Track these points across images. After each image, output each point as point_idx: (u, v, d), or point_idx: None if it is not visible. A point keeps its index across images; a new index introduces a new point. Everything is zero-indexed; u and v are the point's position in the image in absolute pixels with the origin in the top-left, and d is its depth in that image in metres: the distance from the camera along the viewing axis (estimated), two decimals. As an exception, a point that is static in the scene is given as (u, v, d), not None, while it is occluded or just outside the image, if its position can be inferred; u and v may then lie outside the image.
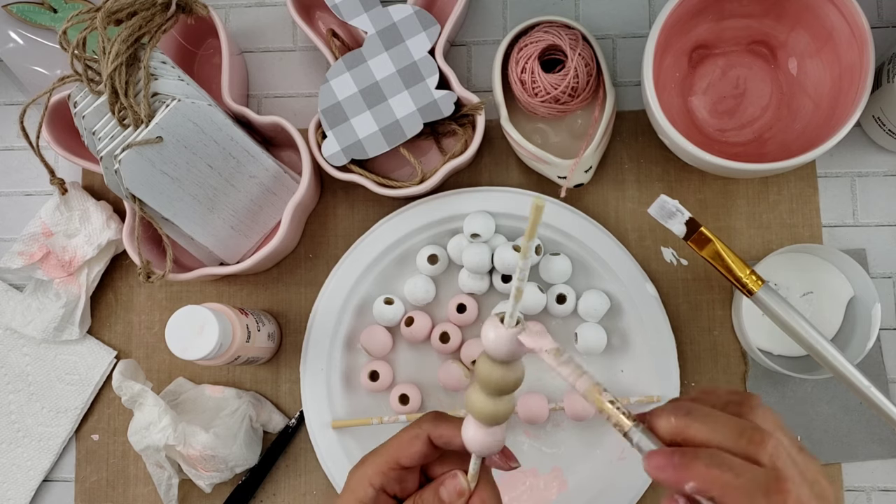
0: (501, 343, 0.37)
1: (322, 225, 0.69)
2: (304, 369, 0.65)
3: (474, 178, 0.68)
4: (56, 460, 0.69)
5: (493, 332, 0.37)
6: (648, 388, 0.64)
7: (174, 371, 0.68)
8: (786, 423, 0.64)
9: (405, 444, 0.43)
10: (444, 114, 0.63)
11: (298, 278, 0.69)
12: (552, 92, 0.62)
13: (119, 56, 0.55)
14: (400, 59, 0.63)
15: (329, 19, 0.68)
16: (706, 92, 0.66)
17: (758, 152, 0.65)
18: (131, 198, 0.58)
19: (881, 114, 0.62)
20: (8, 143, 0.73)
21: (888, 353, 0.65)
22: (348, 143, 0.64)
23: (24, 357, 0.69)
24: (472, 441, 0.41)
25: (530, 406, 0.63)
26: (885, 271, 0.66)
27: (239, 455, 0.63)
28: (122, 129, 0.57)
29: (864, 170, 0.67)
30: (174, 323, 0.57)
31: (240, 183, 0.63)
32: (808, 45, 0.63)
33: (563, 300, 0.64)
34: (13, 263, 0.67)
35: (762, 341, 0.64)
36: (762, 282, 0.57)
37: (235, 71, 0.67)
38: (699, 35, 0.65)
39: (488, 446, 0.41)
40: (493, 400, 0.40)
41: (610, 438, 0.65)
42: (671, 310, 0.66)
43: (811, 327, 0.56)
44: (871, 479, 0.64)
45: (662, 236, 0.67)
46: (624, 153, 0.68)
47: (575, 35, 0.63)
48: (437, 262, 0.65)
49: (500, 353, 0.37)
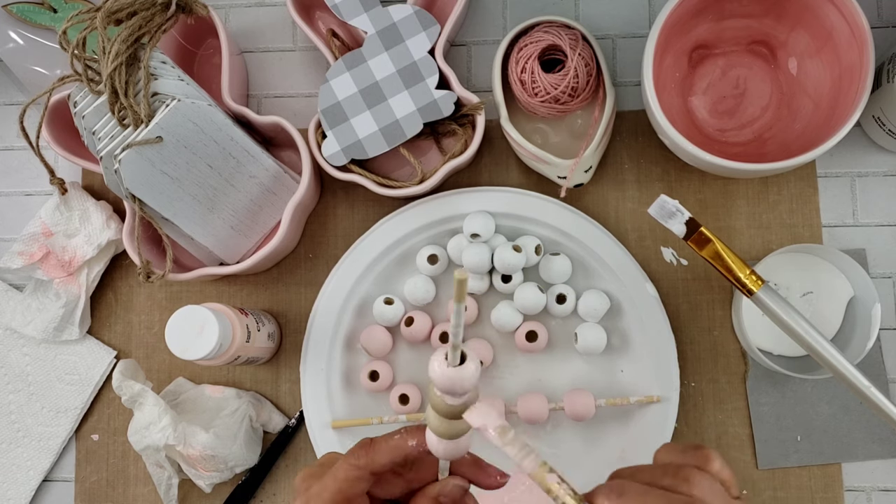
0: (443, 380, 0.37)
1: (322, 225, 0.69)
2: (304, 369, 0.65)
3: (474, 178, 0.68)
4: (56, 460, 0.69)
5: (437, 366, 0.37)
6: (648, 388, 0.64)
7: (174, 371, 0.68)
8: (786, 423, 0.64)
9: (350, 486, 0.42)
10: (444, 114, 0.63)
11: (298, 278, 0.69)
12: (552, 92, 0.62)
13: (119, 56, 0.55)
14: (400, 59, 0.63)
15: (329, 19, 0.68)
16: (706, 92, 0.66)
17: (758, 152, 0.65)
18: (131, 198, 0.58)
19: (881, 114, 0.62)
20: (8, 143, 0.73)
21: (888, 353, 0.65)
22: (348, 143, 0.64)
23: (24, 357, 0.69)
24: (436, 449, 0.41)
25: (530, 406, 0.63)
26: (885, 271, 0.66)
27: (239, 455, 0.63)
28: (122, 129, 0.57)
29: (864, 170, 0.67)
30: (174, 323, 0.57)
31: (240, 183, 0.63)
32: (808, 45, 0.63)
33: (563, 300, 0.64)
34: (13, 263, 0.67)
35: (762, 341, 0.64)
36: (762, 282, 0.57)
37: (235, 71, 0.67)
38: (699, 35, 0.65)
39: (451, 453, 0.41)
40: (448, 420, 0.40)
41: (610, 438, 0.65)
42: (671, 310, 0.66)
43: (811, 327, 0.56)
44: (871, 479, 0.64)
45: (662, 236, 0.67)
46: (624, 153, 0.68)
47: (575, 35, 0.63)
48: (437, 262, 0.65)
49: (443, 388, 0.38)
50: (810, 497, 0.64)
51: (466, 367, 0.37)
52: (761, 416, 0.65)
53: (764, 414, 0.65)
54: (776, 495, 0.64)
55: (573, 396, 0.63)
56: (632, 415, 0.64)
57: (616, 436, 0.65)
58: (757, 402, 0.65)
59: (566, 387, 0.65)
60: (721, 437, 0.65)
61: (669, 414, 0.63)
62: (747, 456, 0.65)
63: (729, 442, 0.65)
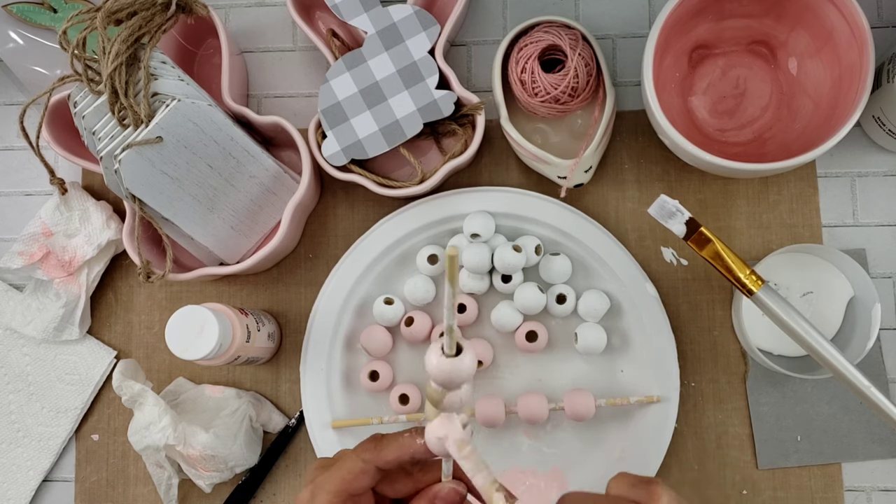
0: (439, 372, 0.37)
1: (322, 225, 0.69)
2: (304, 369, 0.66)
3: (474, 178, 0.68)
4: (56, 460, 0.69)
5: (434, 357, 0.38)
6: (648, 388, 0.64)
7: (174, 371, 0.68)
8: (786, 423, 0.64)
9: (355, 478, 0.42)
10: (444, 114, 0.63)
11: (298, 278, 0.69)
12: (552, 92, 0.62)
13: (119, 56, 0.55)
14: (400, 59, 0.63)
15: (329, 19, 0.68)
16: (706, 92, 0.66)
17: (758, 152, 0.65)
18: (131, 198, 0.58)
19: (881, 114, 0.62)
20: (8, 143, 0.73)
21: (888, 353, 0.65)
22: (348, 143, 0.64)
23: (24, 357, 0.69)
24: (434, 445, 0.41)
25: (530, 406, 0.63)
26: (885, 271, 0.66)
27: (239, 455, 0.63)
28: (122, 129, 0.57)
29: (864, 170, 0.67)
30: (174, 323, 0.57)
31: (240, 183, 0.63)
32: (808, 45, 0.63)
33: (563, 300, 0.64)
34: (13, 263, 0.67)
35: (762, 341, 0.64)
36: (762, 282, 0.57)
37: (235, 71, 0.67)
38: (699, 35, 0.65)
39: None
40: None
41: (610, 438, 0.65)
42: (671, 310, 0.66)
43: (811, 327, 0.56)
44: (871, 479, 0.64)
45: (662, 236, 0.67)
46: (624, 153, 0.68)
47: (575, 35, 0.63)
48: (437, 262, 0.65)
49: (439, 380, 0.38)
50: (810, 497, 0.64)
51: (463, 358, 0.37)
52: (761, 416, 0.65)
53: (764, 414, 0.65)
54: (776, 495, 0.64)
55: (573, 396, 0.63)
56: (632, 415, 0.64)
57: (616, 436, 0.65)
58: (757, 402, 0.65)
59: (566, 387, 0.65)
60: (721, 437, 0.65)
61: (669, 414, 0.63)
62: (747, 456, 0.65)
63: (729, 442, 0.65)
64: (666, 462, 0.64)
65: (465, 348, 0.38)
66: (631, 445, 0.64)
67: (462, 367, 0.37)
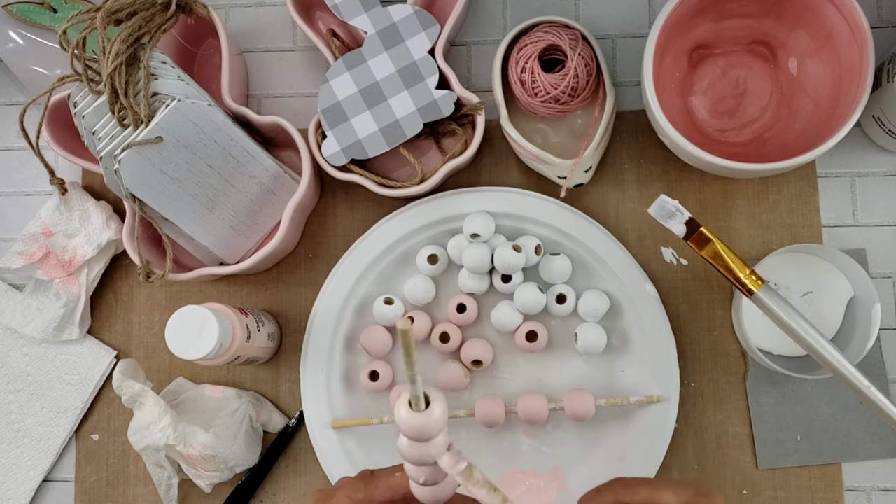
0: (409, 428, 0.37)
1: (322, 225, 0.69)
2: (304, 369, 0.66)
3: (474, 178, 0.68)
4: (56, 460, 0.69)
5: (403, 413, 0.37)
6: (648, 388, 0.64)
7: (174, 371, 0.68)
8: (786, 423, 0.64)
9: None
10: (444, 114, 0.63)
11: (298, 278, 0.69)
12: (552, 92, 0.62)
13: (119, 56, 0.55)
14: (400, 59, 0.63)
15: (329, 19, 0.68)
16: (706, 92, 0.66)
17: (758, 152, 0.65)
18: (131, 198, 0.58)
19: (881, 114, 0.62)
20: (8, 143, 0.73)
21: (888, 353, 0.65)
22: (348, 143, 0.64)
23: (24, 357, 0.69)
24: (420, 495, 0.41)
25: (530, 406, 0.63)
26: (885, 271, 0.66)
27: (239, 455, 0.63)
28: (122, 129, 0.57)
29: (864, 170, 0.67)
30: (174, 323, 0.57)
31: (240, 183, 0.63)
32: (808, 45, 0.63)
33: (563, 300, 0.64)
34: (13, 263, 0.67)
35: (762, 341, 0.64)
36: (762, 282, 0.57)
37: (235, 71, 0.67)
38: (699, 35, 0.65)
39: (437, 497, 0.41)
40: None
41: (610, 438, 0.65)
42: (671, 310, 0.66)
43: (811, 327, 0.56)
44: (871, 479, 0.64)
45: (662, 236, 0.67)
46: (624, 153, 0.68)
47: (575, 35, 0.63)
48: (437, 262, 0.65)
49: (411, 436, 0.37)
50: (810, 497, 0.64)
51: (433, 410, 0.36)
52: (761, 416, 0.65)
53: (764, 414, 0.65)
54: (776, 495, 0.64)
55: (573, 396, 0.63)
56: (632, 415, 0.64)
57: (616, 436, 0.65)
58: (757, 402, 0.65)
59: (566, 387, 0.65)
60: (721, 437, 0.65)
61: (669, 414, 0.63)
62: (747, 456, 0.65)
63: (729, 442, 0.65)
64: (666, 462, 0.64)
65: (434, 399, 0.37)
66: (631, 445, 0.64)
67: (433, 418, 0.36)
